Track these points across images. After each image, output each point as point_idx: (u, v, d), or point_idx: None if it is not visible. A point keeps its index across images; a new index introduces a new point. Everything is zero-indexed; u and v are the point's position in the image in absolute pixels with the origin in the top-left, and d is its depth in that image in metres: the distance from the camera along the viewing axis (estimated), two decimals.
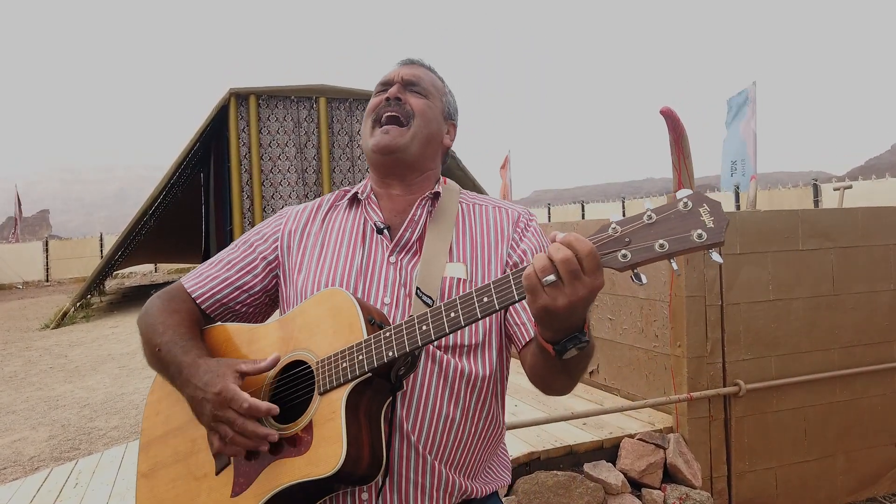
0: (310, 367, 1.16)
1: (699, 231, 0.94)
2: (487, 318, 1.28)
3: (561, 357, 1.05)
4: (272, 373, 1.20)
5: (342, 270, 1.31)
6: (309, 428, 1.10)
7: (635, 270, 0.99)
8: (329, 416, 1.08)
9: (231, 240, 14.41)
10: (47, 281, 23.78)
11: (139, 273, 25.92)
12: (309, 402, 1.14)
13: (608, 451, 3.29)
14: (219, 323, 1.37)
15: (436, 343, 1.21)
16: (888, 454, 3.84)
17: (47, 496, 3.57)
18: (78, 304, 13.05)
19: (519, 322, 1.30)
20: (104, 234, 25.51)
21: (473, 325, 1.23)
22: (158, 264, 25.97)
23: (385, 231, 1.33)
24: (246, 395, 1.12)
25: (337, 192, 1.48)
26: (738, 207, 16.56)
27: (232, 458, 1.19)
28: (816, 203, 16.92)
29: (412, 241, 1.32)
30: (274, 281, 1.40)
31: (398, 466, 1.21)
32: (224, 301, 1.37)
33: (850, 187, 7.12)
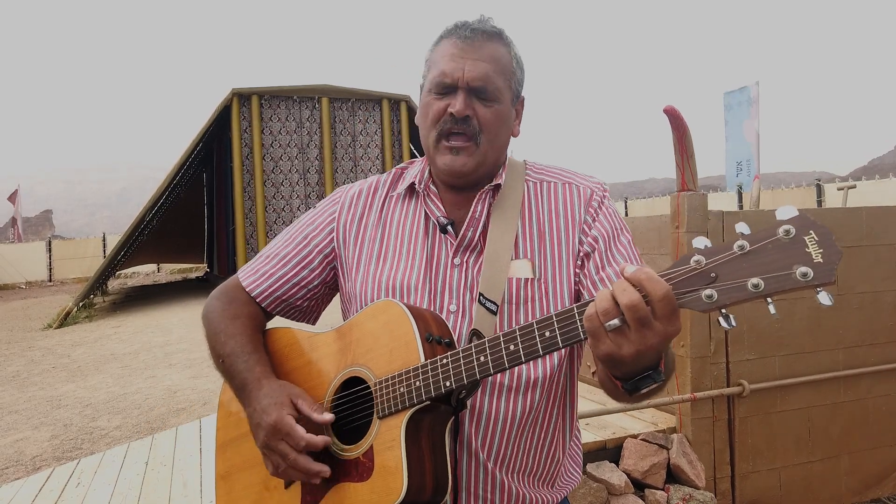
0: (368, 386, 1.14)
1: (804, 268, 0.78)
2: (558, 305, 1.19)
3: (631, 395, 0.96)
4: (332, 387, 1.19)
5: (404, 272, 1.23)
6: (370, 453, 1.09)
7: (723, 311, 0.84)
8: (389, 443, 1.07)
9: (233, 240, 14.47)
10: (50, 281, 23.82)
11: (142, 273, 25.97)
12: (369, 422, 1.12)
13: (611, 451, 3.28)
14: (282, 326, 1.35)
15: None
16: (893, 455, 3.82)
17: (49, 496, 3.57)
18: (81, 304, 13.07)
19: None
20: (107, 234, 25.57)
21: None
22: (161, 264, 26.02)
23: (449, 228, 1.24)
24: (302, 431, 1.09)
25: (393, 171, 1.37)
26: (740, 207, 16.53)
27: None
28: (819, 203, 16.89)
29: (475, 239, 1.23)
30: (332, 273, 1.34)
31: (466, 484, 1.17)
32: (283, 298, 1.33)
33: (853, 187, 7.11)
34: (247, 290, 1.33)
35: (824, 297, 0.79)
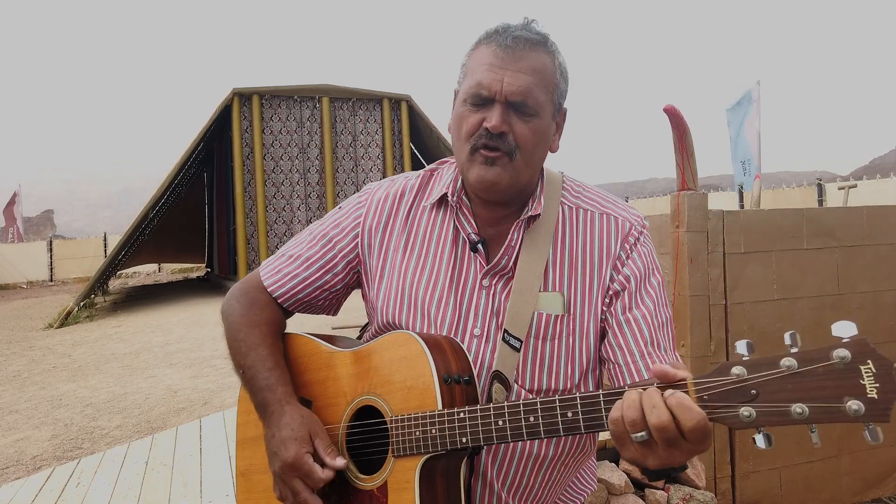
0: (384, 419, 1.13)
1: (855, 403, 0.72)
2: (584, 352, 1.16)
3: (651, 480, 0.96)
4: (348, 413, 1.18)
5: (427, 286, 1.20)
6: (384, 489, 1.09)
7: (761, 430, 0.79)
8: (403, 484, 1.07)
9: (234, 240, 14.47)
10: (51, 280, 23.85)
11: (143, 273, 25.99)
12: (384, 454, 1.12)
13: (611, 450, 3.27)
14: (303, 334, 1.34)
15: (527, 387, 1.14)
16: (894, 455, 3.81)
17: (49, 495, 3.57)
18: (82, 304, 13.07)
19: (615, 361, 1.15)
20: (108, 234, 25.60)
21: (567, 367, 1.15)
22: (162, 264, 26.04)
23: (480, 247, 1.19)
24: (319, 472, 1.08)
25: (422, 175, 1.32)
26: (741, 207, 16.52)
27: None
28: (820, 203, 16.87)
29: (508, 267, 1.18)
30: (355, 277, 1.32)
31: None
32: (304, 299, 1.32)
33: (854, 186, 7.11)
34: (268, 290, 1.31)
35: (869, 435, 0.73)
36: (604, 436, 3.28)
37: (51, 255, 24.18)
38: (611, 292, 1.16)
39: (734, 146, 7.79)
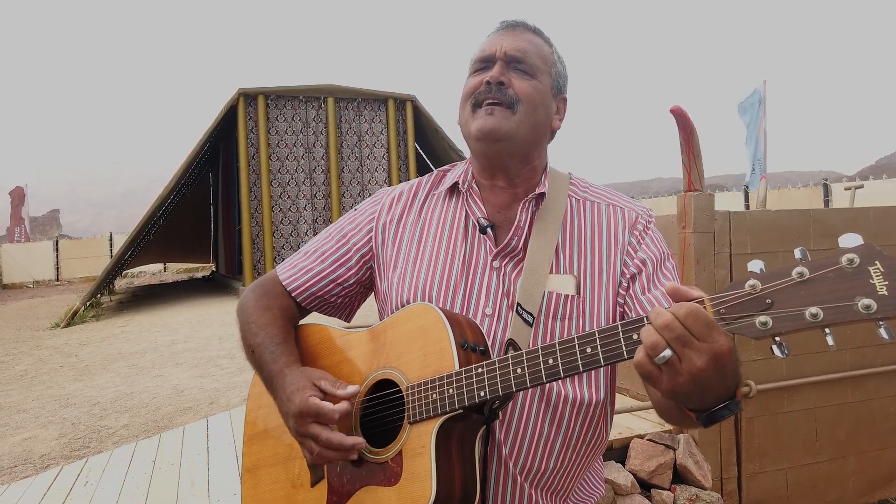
0: (400, 389, 1.12)
1: (867, 300, 0.75)
2: (595, 325, 1.17)
3: (706, 425, 0.90)
4: (363, 390, 1.18)
5: (441, 271, 1.22)
6: (399, 458, 1.08)
7: (777, 340, 0.81)
8: (419, 450, 1.05)
9: (239, 240, 14.50)
10: (57, 280, 23.94)
11: (148, 272, 26.07)
12: (399, 427, 1.11)
13: (617, 451, 3.28)
14: (315, 322, 1.34)
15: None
16: None
17: (57, 494, 3.59)
18: (88, 303, 13.12)
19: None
20: (113, 234, 25.69)
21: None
22: (167, 263, 26.12)
23: (489, 230, 1.23)
24: (330, 406, 1.07)
25: (435, 173, 1.38)
26: (747, 207, 16.48)
27: (326, 475, 1.18)
28: (826, 203, 16.81)
29: (518, 248, 1.21)
30: (368, 273, 1.34)
31: (493, 493, 1.16)
32: (318, 294, 1.33)
33: (861, 187, 7.08)
34: (283, 283, 1.34)
35: (885, 332, 0.75)
36: (610, 435, 3.28)
37: (57, 255, 24.27)
38: (627, 276, 1.19)
39: (748, 145, 7.80)
